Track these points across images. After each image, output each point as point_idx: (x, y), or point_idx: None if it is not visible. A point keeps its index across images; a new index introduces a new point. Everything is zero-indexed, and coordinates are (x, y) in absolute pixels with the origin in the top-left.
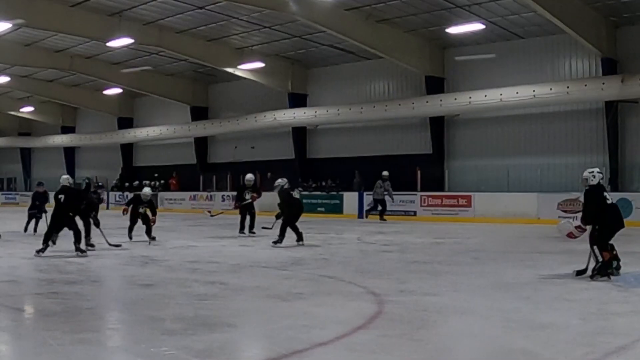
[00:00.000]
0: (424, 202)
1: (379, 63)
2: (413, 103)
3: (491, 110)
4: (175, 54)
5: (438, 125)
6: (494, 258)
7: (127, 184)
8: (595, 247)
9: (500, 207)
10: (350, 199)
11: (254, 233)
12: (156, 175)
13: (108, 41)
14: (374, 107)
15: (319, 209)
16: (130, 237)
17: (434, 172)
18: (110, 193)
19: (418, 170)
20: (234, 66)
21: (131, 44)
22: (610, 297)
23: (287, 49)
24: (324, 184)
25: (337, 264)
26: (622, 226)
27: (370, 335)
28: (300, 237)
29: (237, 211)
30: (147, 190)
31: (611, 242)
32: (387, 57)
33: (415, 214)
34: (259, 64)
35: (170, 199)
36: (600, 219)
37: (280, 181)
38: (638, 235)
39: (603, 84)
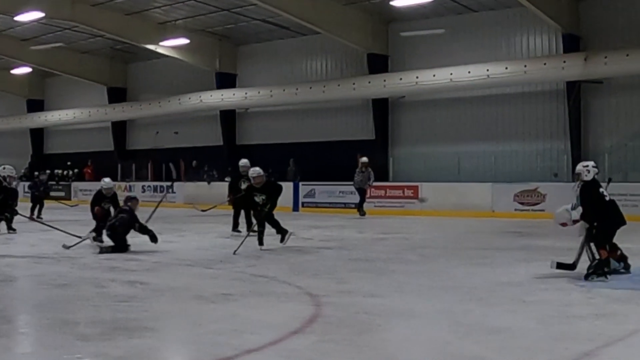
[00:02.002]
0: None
1: (316, 39)
2: (354, 83)
3: (440, 92)
4: (90, 29)
5: (381, 108)
6: (443, 255)
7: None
8: (592, 244)
9: (451, 199)
10: (284, 189)
11: (254, 232)
12: (69, 163)
13: (16, 15)
14: (311, 88)
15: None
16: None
17: (377, 160)
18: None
19: (359, 158)
20: (156, 43)
21: (41, 18)
22: (572, 299)
23: (214, 23)
24: None
25: (269, 261)
26: (624, 223)
27: (307, 341)
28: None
29: (230, 206)
30: (108, 181)
31: (614, 240)
32: (324, 32)
33: (356, 206)
34: (183, 41)
35: (85, 190)
36: (599, 216)
37: (259, 170)
38: None
39: (564, 62)
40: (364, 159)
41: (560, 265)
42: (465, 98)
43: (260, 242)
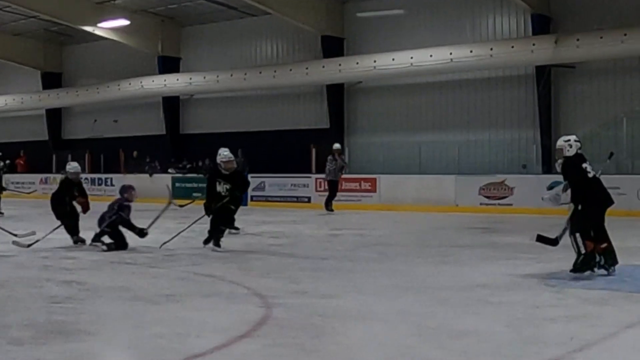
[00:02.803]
0: (320, 187)
1: (266, 20)
2: (307, 68)
3: (400, 77)
4: (23, 9)
5: (337, 94)
6: (403, 253)
7: None
8: (577, 234)
9: (411, 192)
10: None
11: (237, 229)
12: (0, 154)
13: None
14: (260, 72)
15: (194, 194)
16: (82, 241)
17: (332, 150)
18: None
19: (313, 148)
20: (94, 24)
21: None
22: (542, 300)
23: (156, 3)
24: (200, 164)
25: (216, 259)
26: (610, 202)
27: (256, 345)
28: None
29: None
30: (75, 165)
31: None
32: (275, 13)
33: (309, 200)
34: (123, 22)
35: (17, 183)
36: (582, 198)
37: (231, 154)
38: None
39: (533, 45)
40: (337, 146)
41: (541, 239)
42: (426, 84)
43: (217, 243)
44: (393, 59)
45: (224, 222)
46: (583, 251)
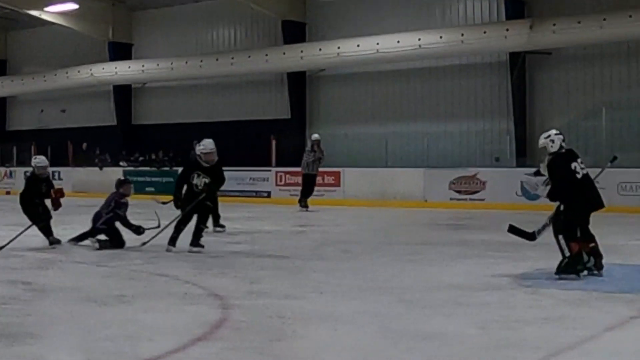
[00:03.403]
0: (280, 180)
1: (223, 4)
2: (266, 55)
3: (365, 64)
4: None
5: (298, 83)
6: (369, 251)
7: None
8: (560, 236)
9: (377, 187)
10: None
11: (222, 227)
12: None
13: None
14: (217, 59)
15: (147, 188)
16: (57, 242)
17: (293, 142)
18: None
19: (273, 140)
20: (40, 8)
21: None
22: (516, 301)
23: None
24: (153, 157)
25: (170, 258)
26: (600, 205)
27: (213, 348)
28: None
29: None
30: (42, 158)
31: (591, 229)
32: None
33: (269, 195)
34: (71, 6)
35: None
36: (567, 199)
37: (213, 146)
38: None
39: (507, 30)
40: (315, 136)
41: (514, 230)
42: (393, 71)
43: (198, 243)
44: (358, 45)
45: (201, 220)
46: (567, 254)
